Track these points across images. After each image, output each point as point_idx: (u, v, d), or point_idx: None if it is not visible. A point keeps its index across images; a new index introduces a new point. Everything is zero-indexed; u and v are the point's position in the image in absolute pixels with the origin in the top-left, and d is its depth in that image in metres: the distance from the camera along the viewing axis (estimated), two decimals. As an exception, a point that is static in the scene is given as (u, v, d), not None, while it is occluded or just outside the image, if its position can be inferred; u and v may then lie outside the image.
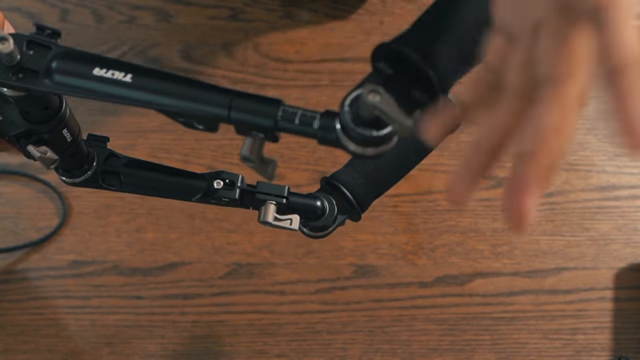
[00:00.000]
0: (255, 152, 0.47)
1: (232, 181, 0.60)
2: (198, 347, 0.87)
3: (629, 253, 0.89)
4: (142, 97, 0.46)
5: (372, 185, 0.61)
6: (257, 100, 0.46)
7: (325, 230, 0.63)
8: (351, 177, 0.62)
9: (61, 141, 0.55)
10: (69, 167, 0.60)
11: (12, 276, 0.89)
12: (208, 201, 0.61)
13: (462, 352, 0.86)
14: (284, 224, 0.60)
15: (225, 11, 1.01)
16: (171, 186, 0.61)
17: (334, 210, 0.62)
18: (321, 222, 0.62)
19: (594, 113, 0.94)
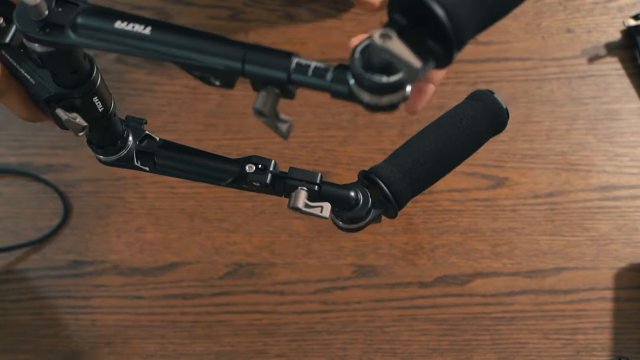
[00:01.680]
0: (269, 107, 0.48)
1: (265, 166, 0.60)
2: (198, 347, 0.87)
3: (629, 253, 0.89)
4: (159, 49, 0.47)
5: (411, 181, 0.61)
6: (271, 53, 0.47)
7: (358, 223, 0.62)
8: (389, 171, 0.62)
9: (92, 110, 0.56)
10: (102, 143, 0.61)
11: (12, 276, 0.89)
12: (240, 186, 0.61)
13: (462, 352, 0.86)
14: (315, 211, 0.58)
15: (225, 11, 1.01)
16: (203, 169, 0.61)
17: (368, 203, 0.61)
18: (354, 213, 0.61)
19: (594, 113, 0.95)
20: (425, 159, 0.62)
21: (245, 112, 0.95)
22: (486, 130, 0.64)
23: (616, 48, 0.97)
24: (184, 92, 0.96)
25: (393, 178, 0.61)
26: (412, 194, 0.62)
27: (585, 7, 0.99)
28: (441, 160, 0.62)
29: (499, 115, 0.64)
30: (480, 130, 0.64)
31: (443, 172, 0.63)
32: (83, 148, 0.94)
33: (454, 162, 0.63)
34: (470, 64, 0.96)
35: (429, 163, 0.62)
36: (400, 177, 0.61)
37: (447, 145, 0.62)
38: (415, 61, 0.40)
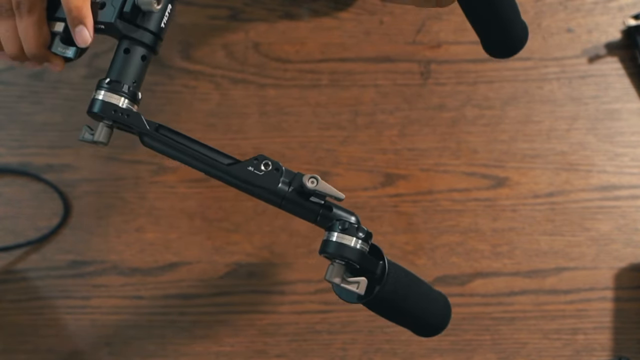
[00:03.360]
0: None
1: (277, 168, 0.60)
2: (198, 347, 0.86)
3: (629, 253, 0.88)
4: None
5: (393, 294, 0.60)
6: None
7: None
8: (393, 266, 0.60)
9: None
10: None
11: (12, 276, 0.89)
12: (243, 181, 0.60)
13: (463, 352, 0.86)
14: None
15: (225, 11, 1.00)
16: (202, 150, 0.61)
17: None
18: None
19: (594, 113, 0.94)
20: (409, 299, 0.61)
21: (245, 112, 0.95)
22: None
23: (616, 48, 0.97)
24: (184, 92, 0.96)
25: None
26: (386, 300, 0.60)
27: (586, 7, 0.99)
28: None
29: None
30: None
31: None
32: (83, 148, 0.94)
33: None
34: (470, 64, 0.96)
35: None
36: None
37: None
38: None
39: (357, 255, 0.56)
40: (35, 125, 0.95)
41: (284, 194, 0.58)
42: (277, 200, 0.58)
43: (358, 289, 0.57)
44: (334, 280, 0.56)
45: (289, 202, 0.58)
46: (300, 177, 0.58)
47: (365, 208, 0.91)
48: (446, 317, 0.62)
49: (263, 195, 0.58)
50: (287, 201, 0.58)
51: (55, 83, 0.97)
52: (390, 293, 0.58)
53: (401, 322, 0.62)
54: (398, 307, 0.59)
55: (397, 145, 0.94)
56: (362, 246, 0.57)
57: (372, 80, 0.96)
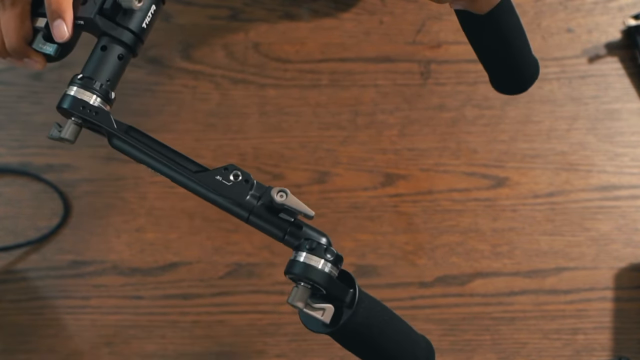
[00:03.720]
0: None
1: (246, 180, 0.56)
2: (198, 347, 0.86)
3: (629, 253, 0.88)
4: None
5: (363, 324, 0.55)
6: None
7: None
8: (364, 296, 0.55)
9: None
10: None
11: (12, 276, 0.89)
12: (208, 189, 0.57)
13: (463, 352, 0.86)
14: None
15: (225, 11, 1.00)
16: (170, 155, 0.58)
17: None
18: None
19: (594, 113, 0.94)
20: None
21: (245, 112, 0.95)
22: None
23: (616, 48, 0.97)
24: (184, 92, 0.96)
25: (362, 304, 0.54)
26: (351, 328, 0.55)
27: (586, 6, 0.99)
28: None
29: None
30: None
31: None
32: (83, 148, 0.94)
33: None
34: (471, 64, 0.96)
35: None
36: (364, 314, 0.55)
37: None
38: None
39: (324, 279, 0.52)
40: (35, 125, 0.95)
41: (251, 208, 0.54)
42: (244, 214, 0.55)
43: (323, 317, 0.52)
44: (297, 304, 0.53)
45: (255, 216, 0.54)
46: (269, 191, 0.54)
47: (365, 208, 0.91)
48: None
49: (229, 207, 0.55)
50: (254, 215, 0.54)
51: (55, 83, 0.97)
52: (360, 325, 0.53)
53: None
54: (371, 342, 0.54)
55: (397, 145, 0.94)
56: (330, 270, 0.53)
57: (372, 80, 0.96)
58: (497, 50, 0.64)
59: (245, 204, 0.55)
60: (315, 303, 0.53)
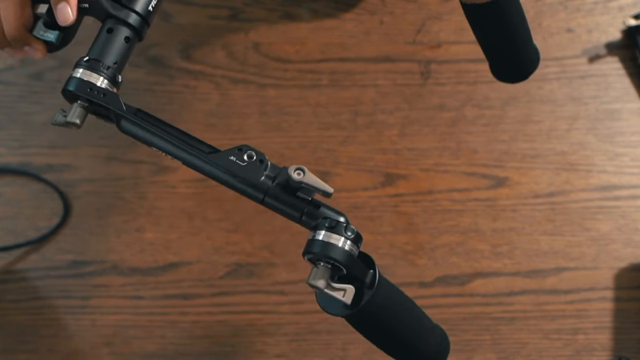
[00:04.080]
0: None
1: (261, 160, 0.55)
2: (198, 347, 0.86)
3: (629, 253, 0.88)
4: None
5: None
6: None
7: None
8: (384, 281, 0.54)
9: None
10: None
11: (12, 276, 0.89)
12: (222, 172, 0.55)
13: (463, 352, 0.86)
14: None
15: (225, 11, 1.00)
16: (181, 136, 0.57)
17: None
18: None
19: (594, 113, 0.94)
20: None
21: (245, 112, 0.95)
22: None
23: (616, 48, 0.97)
24: (184, 92, 0.96)
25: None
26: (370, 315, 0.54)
27: (586, 6, 0.99)
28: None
29: None
30: None
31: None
32: (83, 148, 0.94)
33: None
34: (471, 64, 0.96)
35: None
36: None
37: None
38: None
39: (345, 257, 0.51)
40: (35, 125, 0.95)
41: (266, 188, 0.53)
42: (259, 195, 0.53)
43: (344, 297, 0.51)
44: (317, 284, 0.51)
45: (271, 197, 0.53)
46: (286, 170, 0.53)
47: (365, 208, 0.91)
48: (443, 351, 0.56)
49: (244, 188, 0.54)
50: (270, 196, 0.53)
51: (55, 83, 0.97)
52: (380, 307, 0.52)
53: (389, 346, 0.55)
54: (388, 327, 0.53)
55: (397, 145, 0.94)
56: (351, 248, 0.51)
57: (372, 80, 0.96)
58: (500, 38, 0.64)
59: (260, 184, 0.53)
60: (335, 283, 0.51)
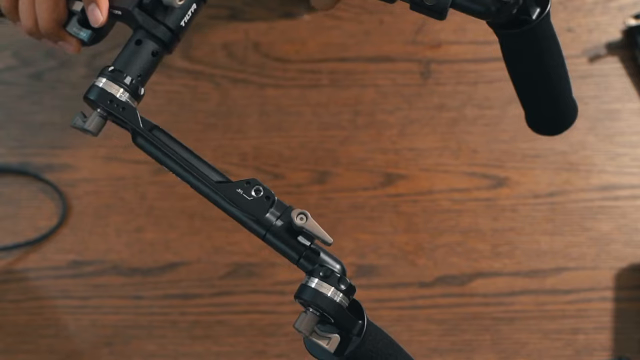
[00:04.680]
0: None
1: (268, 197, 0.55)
2: (198, 347, 0.86)
3: (629, 253, 0.88)
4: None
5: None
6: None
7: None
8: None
9: None
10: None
11: (12, 276, 0.89)
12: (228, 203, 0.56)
13: (463, 352, 0.86)
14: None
15: (225, 11, 1.00)
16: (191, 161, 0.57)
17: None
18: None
19: (594, 113, 0.94)
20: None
21: (245, 112, 0.95)
22: None
23: (617, 48, 0.97)
24: (184, 92, 0.96)
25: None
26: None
27: (586, 6, 0.99)
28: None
29: None
30: None
31: None
32: (83, 148, 0.94)
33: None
34: (471, 64, 0.96)
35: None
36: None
37: None
38: None
39: (333, 308, 0.50)
40: (35, 125, 0.95)
41: (269, 226, 0.53)
42: (261, 231, 0.54)
43: (328, 346, 0.51)
44: (302, 330, 0.51)
45: (272, 235, 0.53)
46: (289, 211, 0.53)
47: (365, 208, 0.91)
48: None
49: (247, 222, 0.54)
50: (271, 234, 0.53)
51: (55, 83, 0.97)
52: (365, 356, 0.52)
53: None
54: None
55: (397, 145, 0.94)
56: (341, 300, 0.51)
57: (372, 80, 0.96)
58: (537, 79, 0.62)
59: (264, 221, 0.53)
60: (321, 331, 0.51)
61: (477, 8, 0.56)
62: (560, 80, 0.63)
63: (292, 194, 0.92)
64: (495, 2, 0.55)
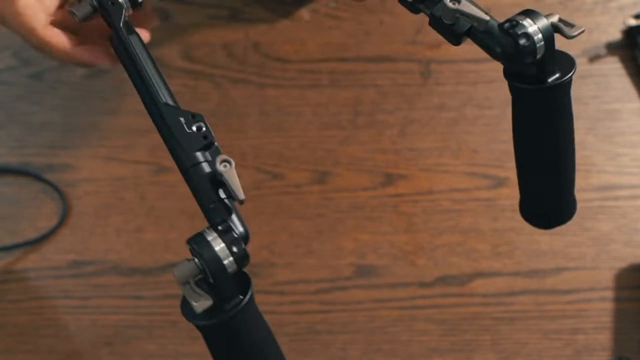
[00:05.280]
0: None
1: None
2: (198, 347, 0.86)
3: (629, 253, 0.88)
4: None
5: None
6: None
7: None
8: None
9: None
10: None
11: (12, 276, 0.89)
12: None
13: (463, 352, 0.86)
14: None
15: (225, 11, 1.01)
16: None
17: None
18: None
19: (594, 113, 0.94)
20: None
21: (245, 112, 0.95)
22: None
23: (617, 48, 0.97)
24: (184, 92, 0.96)
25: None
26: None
27: (586, 6, 0.99)
28: None
29: None
30: None
31: None
32: (83, 148, 0.94)
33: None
34: (471, 64, 0.96)
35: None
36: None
37: None
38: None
39: (216, 267, 0.47)
40: (35, 125, 0.95)
41: (195, 163, 0.51)
42: (185, 164, 0.52)
43: (196, 304, 0.47)
44: (177, 277, 0.47)
45: (195, 173, 0.51)
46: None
47: (365, 208, 0.91)
48: None
49: (177, 150, 0.52)
50: (194, 172, 0.51)
51: (55, 83, 0.97)
52: (230, 337, 0.48)
53: None
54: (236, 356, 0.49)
55: (397, 145, 0.94)
56: (229, 263, 0.47)
57: (372, 80, 0.96)
58: (546, 175, 0.58)
59: (191, 157, 0.52)
60: (197, 287, 0.47)
61: (491, 44, 0.54)
62: (570, 176, 0.58)
63: (292, 194, 0.92)
64: (512, 45, 0.52)
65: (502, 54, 0.53)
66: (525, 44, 0.52)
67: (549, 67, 0.54)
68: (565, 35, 0.52)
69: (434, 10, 0.56)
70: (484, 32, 0.54)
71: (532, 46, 0.52)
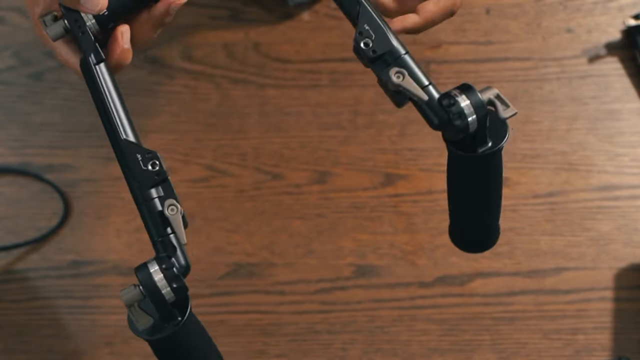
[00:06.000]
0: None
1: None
2: (198, 347, 0.86)
3: (629, 253, 0.88)
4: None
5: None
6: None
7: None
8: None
9: None
10: None
11: (12, 276, 0.89)
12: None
13: (462, 352, 0.86)
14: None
15: (225, 11, 1.01)
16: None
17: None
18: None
19: (594, 113, 0.94)
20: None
21: (245, 112, 0.95)
22: None
23: (616, 48, 0.97)
24: (184, 92, 0.96)
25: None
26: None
27: (586, 7, 0.99)
28: None
29: None
30: None
31: None
32: (83, 148, 0.94)
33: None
34: (471, 64, 0.96)
35: None
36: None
37: None
38: None
39: (156, 297, 0.53)
40: (35, 125, 0.95)
41: (147, 199, 0.55)
42: (138, 199, 0.56)
43: (139, 324, 0.55)
44: (124, 301, 0.54)
45: (147, 209, 0.55)
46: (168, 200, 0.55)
47: (365, 208, 0.91)
48: None
49: (132, 185, 0.56)
50: (146, 208, 0.55)
51: (55, 83, 0.97)
52: (173, 348, 0.56)
53: None
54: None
55: (397, 145, 0.94)
56: (167, 293, 0.54)
57: (372, 80, 0.96)
58: (470, 203, 0.65)
59: (145, 193, 0.55)
60: (140, 310, 0.55)
61: (430, 116, 0.58)
62: (492, 207, 0.65)
63: (292, 194, 0.92)
64: (447, 121, 0.56)
65: (439, 125, 0.58)
66: (459, 122, 0.56)
67: (480, 139, 0.58)
68: (498, 114, 0.56)
69: (381, 74, 0.60)
70: (425, 104, 0.59)
71: (465, 124, 0.56)
